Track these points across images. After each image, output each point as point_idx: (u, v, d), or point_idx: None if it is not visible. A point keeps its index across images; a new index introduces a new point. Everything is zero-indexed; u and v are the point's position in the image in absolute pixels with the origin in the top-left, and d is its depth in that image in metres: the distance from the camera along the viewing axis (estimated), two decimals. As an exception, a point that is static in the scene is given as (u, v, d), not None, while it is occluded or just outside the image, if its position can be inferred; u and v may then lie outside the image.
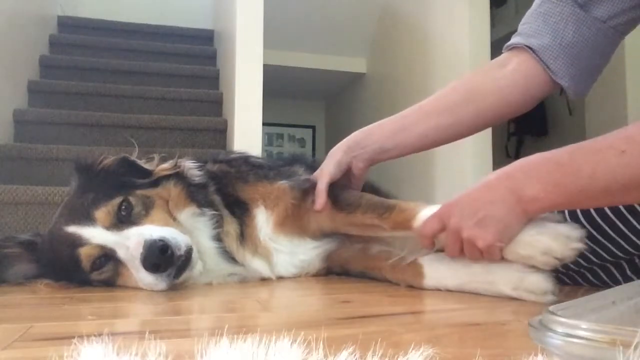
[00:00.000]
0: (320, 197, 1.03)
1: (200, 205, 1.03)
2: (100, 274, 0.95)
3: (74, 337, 0.47)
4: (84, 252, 0.93)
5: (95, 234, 0.92)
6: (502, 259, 0.79)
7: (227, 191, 1.09)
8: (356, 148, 1.07)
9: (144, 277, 0.89)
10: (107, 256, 0.93)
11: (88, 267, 0.94)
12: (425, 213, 0.89)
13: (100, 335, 0.50)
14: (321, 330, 0.53)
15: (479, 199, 0.76)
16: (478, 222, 0.75)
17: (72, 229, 0.94)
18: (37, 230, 1.41)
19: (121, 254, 0.91)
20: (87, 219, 0.93)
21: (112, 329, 0.61)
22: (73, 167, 1.04)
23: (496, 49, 1.26)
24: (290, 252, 1.09)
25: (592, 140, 0.67)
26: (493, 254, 0.78)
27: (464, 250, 0.80)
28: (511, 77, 0.95)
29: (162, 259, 0.86)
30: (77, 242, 0.93)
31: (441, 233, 0.83)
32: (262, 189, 1.09)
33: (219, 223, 1.03)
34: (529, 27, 0.94)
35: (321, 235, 1.10)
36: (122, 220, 0.93)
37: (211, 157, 1.22)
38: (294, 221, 1.08)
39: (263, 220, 1.08)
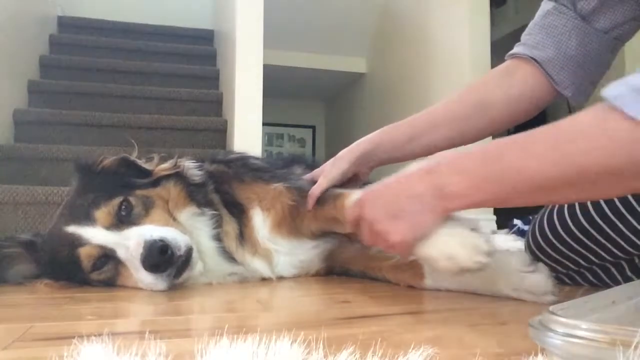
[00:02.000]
0: (312, 198, 1.02)
1: (199, 205, 1.03)
2: (100, 274, 0.95)
3: (74, 337, 0.47)
4: (84, 252, 0.93)
5: (96, 234, 0.92)
6: (412, 255, 0.76)
7: (223, 190, 1.09)
8: (364, 158, 1.05)
9: (143, 277, 0.89)
10: (107, 256, 0.93)
11: (88, 267, 0.94)
12: (353, 198, 0.87)
13: (100, 335, 0.50)
14: (321, 330, 0.53)
15: (397, 192, 0.72)
16: (392, 217, 0.71)
17: (72, 229, 0.94)
18: (37, 230, 1.41)
19: (121, 254, 0.91)
20: (87, 219, 0.93)
21: (112, 329, 0.61)
22: (73, 167, 1.04)
23: (496, 49, 1.27)
24: (290, 253, 1.09)
25: (523, 134, 0.63)
26: (404, 251, 0.74)
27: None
28: (519, 87, 0.96)
29: (162, 259, 0.87)
30: (77, 242, 0.93)
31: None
32: (258, 189, 1.09)
33: (218, 223, 1.03)
34: (532, 39, 0.94)
35: (317, 235, 1.10)
36: (122, 220, 0.94)
37: (210, 156, 1.22)
38: (291, 222, 1.07)
39: (260, 221, 1.07)
